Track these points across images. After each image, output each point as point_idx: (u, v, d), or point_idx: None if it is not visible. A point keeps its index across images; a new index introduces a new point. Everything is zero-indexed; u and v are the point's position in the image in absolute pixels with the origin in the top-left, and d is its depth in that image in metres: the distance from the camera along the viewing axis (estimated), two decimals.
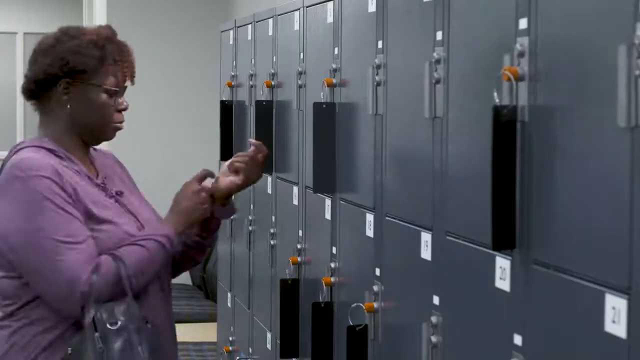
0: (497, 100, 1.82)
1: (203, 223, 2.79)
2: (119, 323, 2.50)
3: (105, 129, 2.67)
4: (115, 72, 2.66)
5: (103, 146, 2.82)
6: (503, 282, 1.87)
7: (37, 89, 2.67)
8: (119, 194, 2.70)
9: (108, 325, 2.49)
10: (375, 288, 2.55)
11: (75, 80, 2.63)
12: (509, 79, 1.80)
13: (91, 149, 2.73)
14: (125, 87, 2.69)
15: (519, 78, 1.80)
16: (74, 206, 2.54)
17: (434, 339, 2.17)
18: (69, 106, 2.64)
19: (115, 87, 2.65)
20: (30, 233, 2.51)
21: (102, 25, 2.74)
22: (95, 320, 2.49)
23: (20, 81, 2.77)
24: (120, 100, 2.68)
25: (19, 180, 2.53)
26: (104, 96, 2.64)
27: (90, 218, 2.57)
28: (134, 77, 2.72)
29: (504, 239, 1.82)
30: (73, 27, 2.72)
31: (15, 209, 2.53)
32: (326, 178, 2.91)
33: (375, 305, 2.54)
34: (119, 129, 2.71)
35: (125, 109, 2.70)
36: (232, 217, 3.12)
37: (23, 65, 11.34)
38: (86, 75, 2.63)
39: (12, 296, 2.57)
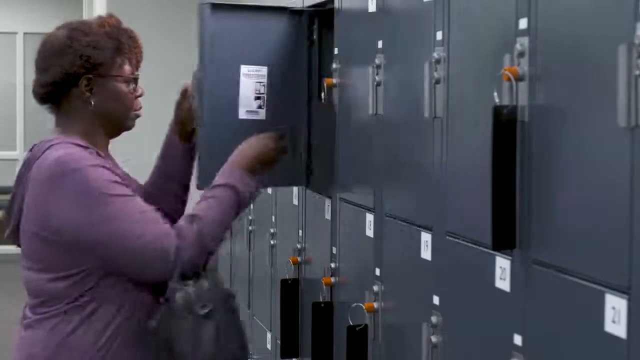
0: (497, 100, 1.82)
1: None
2: (209, 307, 2.49)
3: (128, 118, 2.68)
4: (130, 60, 2.67)
5: None
6: (503, 282, 1.87)
7: (55, 91, 2.63)
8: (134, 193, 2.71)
9: (199, 310, 2.49)
10: (375, 288, 2.55)
11: (96, 75, 2.61)
12: (509, 79, 1.80)
13: None
14: (138, 73, 2.70)
15: (519, 78, 1.80)
16: (128, 186, 2.54)
17: (434, 339, 2.17)
18: (92, 103, 2.62)
19: (132, 75, 2.67)
20: (103, 223, 2.47)
21: (104, 15, 2.71)
22: (185, 301, 2.48)
23: (20, 81, 2.76)
24: (136, 87, 2.69)
25: (73, 174, 2.48)
26: (123, 86, 2.65)
27: None
28: (140, 64, 2.73)
29: (504, 239, 1.82)
30: (79, 22, 2.69)
31: (78, 203, 2.48)
32: (326, 178, 2.91)
33: (375, 305, 2.54)
34: (139, 116, 2.73)
35: (141, 95, 2.72)
36: None
37: (23, 65, 11.38)
38: (105, 68, 2.62)
39: (64, 296, 2.53)
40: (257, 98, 2.97)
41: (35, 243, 2.55)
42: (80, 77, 2.61)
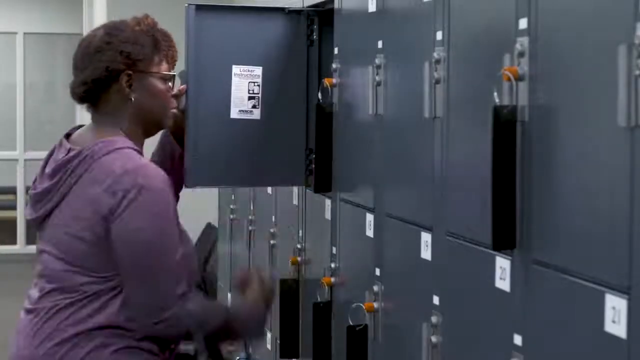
0: (497, 100, 1.82)
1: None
2: None
3: (165, 115, 2.70)
4: (167, 58, 2.69)
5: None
6: (503, 282, 1.87)
7: (96, 89, 2.63)
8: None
9: None
10: (375, 288, 2.55)
11: (136, 72, 2.62)
12: (509, 79, 1.80)
13: None
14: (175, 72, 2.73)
15: (519, 78, 1.80)
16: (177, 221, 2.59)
17: (434, 339, 2.17)
18: (132, 99, 2.62)
19: (171, 73, 2.69)
20: (156, 246, 2.53)
21: (139, 15, 2.71)
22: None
23: (20, 81, 2.78)
24: (172, 85, 2.72)
25: (148, 192, 2.51)
26: (160, 83, 2.66)
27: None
28: (175, 63, 2.74)
29: (504, 239, 1.82)
30: (115, 22, 2.71)
31: (146, 221, 2.52)
32: (326, 178, 2.91)
33: (375, 305, 2.54)
34: (175, 115, 2.78)
35: (178, 95, 2.78)
36: None
37: (23, 65, 11.38)
38: (145, 64, 2.63)
39: (92, 290, 2.57)
40: (251, 98, 2.98)
41: (76, 243, 2.55)
42: (121, 73, 2.61)
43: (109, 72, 2.61)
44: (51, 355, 2.54)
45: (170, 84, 2.70)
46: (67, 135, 2.68)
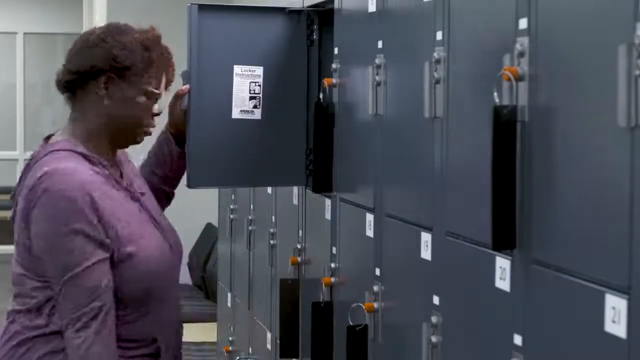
0: (497, 100, 1.82)
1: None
2: None
3: (138, 131, 2.65)
4: (158, 76, 2.65)
5: None
6: (503, 282, 1.87)
7: (78, 80, 2.62)
8: (142, 194, 2.71)
9: None
10: (375, 288, 2.55)
11: (117, 77, 2.60)
12: (509, 79, 1.80)
13: None
14: (164, 92, 2.68)
15: (519, 78, 1.80)
16: (95, 230, 2.52)
17: (434, 339, 2.17)
18: (105, 102, 2.61)
19: (157, 91, 2.64)
20: (51, 254, 2.51)
21: (149, 27, 2.70)
22: None
23: (20, 81, 2.79)
24: (156, 105, 2.66)
25: (49, 195, 2.50)
26: (143, 98, 2.62)
27: (117, 238, 2.54)
28: (169, 84, 2.71)
29: (504, 239, 1.82)
30: (121, 24, 2.70)
31: (42, 223, 2.51)
32: (326, 178, 2.90)
33: (375, 305, 2.54)
34: (149, 134, 2.70)
35: (158, 114, 2.69)
36: None
37: (23, 65, 11.39)
38: (129, 73, 2.60)
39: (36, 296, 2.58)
40: (252, 98, 2.98)
41: (22, 248, 2.58)
42: (101, 73, 2.60)
43: (91, 68, 2.60)
44: (10, 357, 2.58)
45: (153, 102, 2.65)
46: (50, 137, 2.69)
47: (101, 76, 2.60)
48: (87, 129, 2.63)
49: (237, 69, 2.98)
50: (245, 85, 2.97)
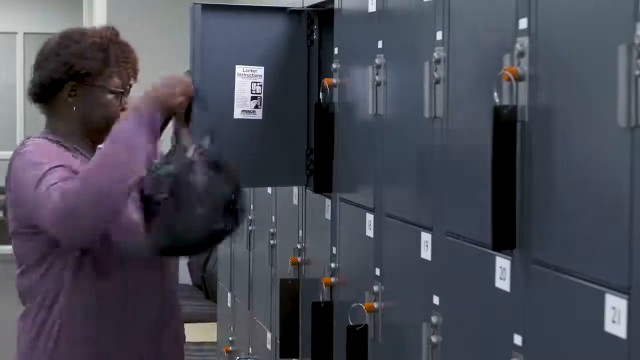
0: (497, 100, 1.82)
1: None
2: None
3: (109, 127, 2.68)
4: (119, 73, 2.72)
5: None
6: (503, 282, 1.87)
7: (43, 93, 2.72)
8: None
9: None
10: (375, 288, 2.55)
11: (81, 83, 2.68)
12: (509, 79, 1.80)
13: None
14: (130, 86, 2.73)
15: (519, 78, 1.80)
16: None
17: (434, 339, 2.17)
18: (74, 108, 2.70)
19: (121, 88, 2.70)
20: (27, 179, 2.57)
21: (104, 26, 2.77)
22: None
23: (20, 81, 2.85)
24: (125, 99, 2.72)
25: (21, 156, 2.62)
26: (109, 96, 2.71)
27: None
28: (136, 75, 2.76)
29: (504, 239, 1.82)
30: (75, 30, 2.76)
31: (20, 174, 2.60)
32: (326, 178, 2.90)
33: (375, 305, 2.54)
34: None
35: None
36: None
37: (23, 65, 11.37)
38: (91, 78, 2.69)
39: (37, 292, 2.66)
40: (254, 98, 2.98)
41: (14, 240, 2.68)
42: (64, 83, 2.68)
43: (52, 80, 2.70)
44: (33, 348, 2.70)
45: (123, 97, 2.72)
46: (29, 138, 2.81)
47: (65, 86, 2.69)
48: (64, 131, 2.73)
49: (238, 69, 2.98)
50: (247, 85, 2.97)
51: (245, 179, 3.11)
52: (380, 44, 2.53)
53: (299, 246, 3.28)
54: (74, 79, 2.68)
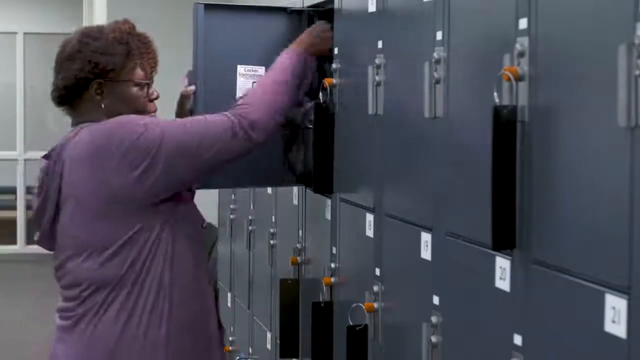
0: (497, 100, 1.82)
1: None
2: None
3: None
4: (142, 65, 2.74)
5: None
6: (503, 282, 1.87)
7: (68, 95, 2.71)
8: None
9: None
10: (375, 288, 2.55)
11: (106, 80, 2.67)
12: (509, 79, 1.80)
13: None
14: (153, 77, 2.76)
15: (519, 78, 1.80)
16: None
17: (434, 339, 2.17)
18: (102, 105, 2.70)
19: (145, 79, 2.73)
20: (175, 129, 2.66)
21: (119, 20, 2.76)
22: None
23: (20, 81, 2.85)
24: (150, 90, 2.76)
25: (102, 131, 2.62)
26: (135, 89, 2.72)
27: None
28: (157, 65, 2.80)
29: (504, 239, 1.82)
30: (92, 28, 2.77)
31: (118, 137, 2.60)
32: (326, 178, 2.90)
33: (375, 305, 2.54)
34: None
35: (156, 98, 2.78)
36: None
37: (23, 65, 11.37)
38: (115, 73, 2.70)
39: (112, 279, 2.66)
40: None
41: (92, 223, 2.62)
42: (91, 82, 2.68)
43: (77, 81, 2.69)
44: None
45: (146, 89, 2.74)
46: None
47: (91, 84, 2.69)
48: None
49: (240, 68, 2.98)
50: (249, 85, 2.97)
51: (247, 180, 3.12)
52: (380, 44, 2.53)
53: (299, 246, 3.28)
54: (100, 77, 2.68)
